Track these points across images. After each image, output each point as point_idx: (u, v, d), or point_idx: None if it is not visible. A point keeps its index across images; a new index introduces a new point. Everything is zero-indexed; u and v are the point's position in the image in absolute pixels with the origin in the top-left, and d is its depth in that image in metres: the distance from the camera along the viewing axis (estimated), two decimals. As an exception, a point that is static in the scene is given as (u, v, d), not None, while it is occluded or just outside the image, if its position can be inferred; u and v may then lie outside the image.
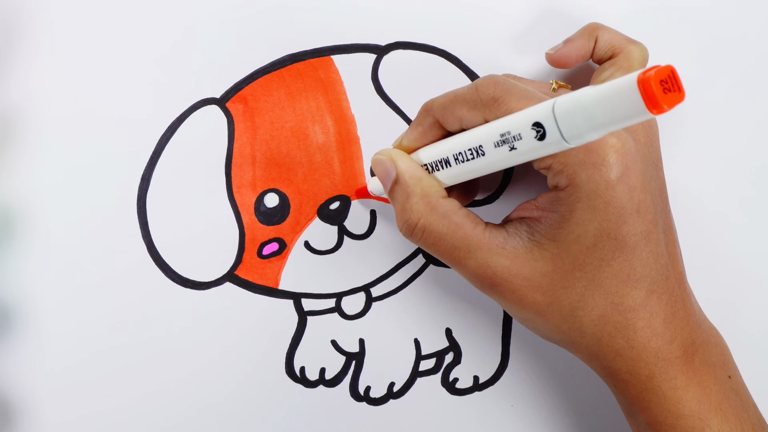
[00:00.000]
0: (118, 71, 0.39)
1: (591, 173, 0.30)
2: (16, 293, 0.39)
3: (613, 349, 0.32)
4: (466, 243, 0.32)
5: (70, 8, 0.39)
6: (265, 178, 0.39)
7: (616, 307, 0.31)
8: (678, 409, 0.32)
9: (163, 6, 0.40)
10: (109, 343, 0.39)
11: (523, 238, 0.32)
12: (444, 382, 0.40)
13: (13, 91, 0.39)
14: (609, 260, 0.31)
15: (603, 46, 0.37)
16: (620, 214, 0.30)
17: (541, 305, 0.32)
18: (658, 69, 0.23)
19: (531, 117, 0.27)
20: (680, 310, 0.32)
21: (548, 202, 0.32)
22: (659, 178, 0.32)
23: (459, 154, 0.31)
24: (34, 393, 0.39)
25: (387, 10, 0.41)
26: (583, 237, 0.31)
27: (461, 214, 0.33)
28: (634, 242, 0.31)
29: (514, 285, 0.32)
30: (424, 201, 0.33)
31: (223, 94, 0.39)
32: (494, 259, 0.32)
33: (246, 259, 0.39)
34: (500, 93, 0.31)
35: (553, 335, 0.33)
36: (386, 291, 0.40)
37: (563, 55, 0.37)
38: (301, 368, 0.40)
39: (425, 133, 0.34)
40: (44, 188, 0.39)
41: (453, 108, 0.32)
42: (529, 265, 0.31)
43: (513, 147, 0.28)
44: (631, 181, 0.30)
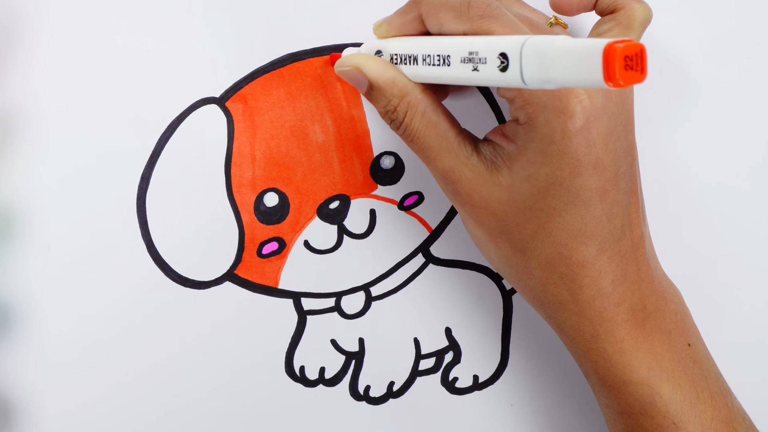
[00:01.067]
0: (118, 70, 0.39)
1: (550, 118, 0.30)
2: (16, 293, 0.39)
3: (557, 299, 0.32)
4: (437, 142, 0.32)
5: (69, 8, 0.39)
6: (264, 177, 0.39)
7: (564, 258, 0.31)
8: (625, 375, 0.31)
9: (162, 6, 0.40)
10: (109, 342, 0.39)
11: (487, 158, 0.32)
12: (444, 382, 0.40)
13: (13, 91, 0.39)
14: (560, 210, 0.30)
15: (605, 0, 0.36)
16: (575, 166, 0.30)
17: (494, 230, 0.32)
18: (627, 44, 0.23)
19: (500, 46, 0.27)
20: (632, 274, 0.32)
21: (511, 132, 0.31)
22: (627, 140, 0.32)
23: (427, 56, 0.31)
24: (33, 392, 0.39)
25: (387, 10, 0.41)
26: (534, 178, 0.30)
27: (438, 112, 0.33)
28: (588, 197, 0.30)
29: (473, 199, 0.32)
30: (404, 100, 0.33)
31: (223, 94, 0.39)
32: (459, 168, 0.32)
33: (245, 258, 0.39)
34: (489, 13, 0.30)
35: (503, 266, 0.33)
36: (386, 290, 0.40)
37: (565, 2, 0.37)
38: (300, 367, 0.40)
39: (407, 24, 0.34)
40: (44, 188, 0.39)
41: (439, 10, 0.32)
42: (487, 186, 0.31)
43: (476, 68, 0.28)
44: (592, 136, 0.30)
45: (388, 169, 0.40)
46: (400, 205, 0.40)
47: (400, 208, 0.40)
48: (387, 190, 0.40)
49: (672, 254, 0.37)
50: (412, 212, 0.40)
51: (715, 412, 0.32)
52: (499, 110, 0.40)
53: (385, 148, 0.40)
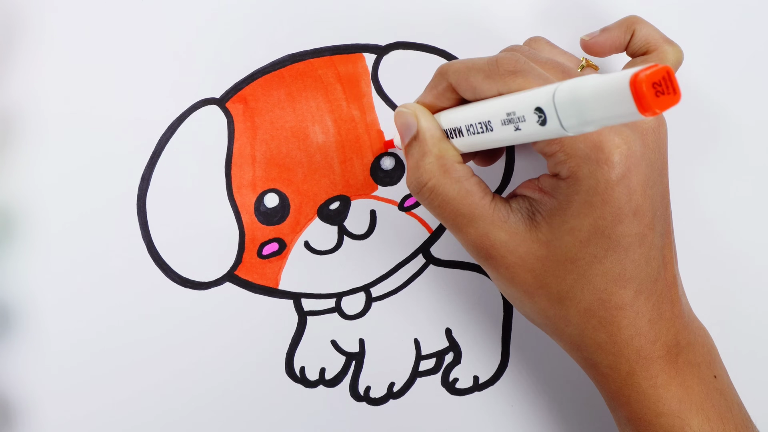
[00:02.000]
0: (118, 71, 0.39)
1: (593, 169, 0.30)
2: (16, 293, 0.39)
3: (595, 341, 0.32)
4: (470, 210, 0.32)
5: (70, 8, 0.39)
6: (265, 178, 0.39)
7: (603, 303, 0.31)
8: (658, 407, 0.32)
9: (162, 7, 0.40)
10: (109, 342, 0.39)
11: (524, 215, 0.32)
12: (444, 382, 0.40)
13: (13, 91, 0.39)
14: (601, 258, 0.31)
15: (638, 41, 0.36)
16: (616, 215, 0.30)
17: (531, 286, 0.32)
18: (652, 71, 0.22)
19: (534, 101, 0.27)
20: (667, 311, 0.32)
21: (549, 187, 0.32)
22: (662, 183, 0.32)
23: (470, 125, 0.31)
24: (34, 393, 0.39)
25: (387, 10, 0.41)
26: (577, 230, 0.31)
27: (473, 181, 0.33)
28: (628, 243, 0.31)
29: (508, 261, 0.32)
30: (439, 162, 0.33)
31: (223, 94, 0.39)
32: (494, 232, 0.32)
33: (246, 259, 0.39)
34: (518, 68, 0.30)
35: (538, 318, 0.33)
36: (386, 291, 0.40)
37: (597, 43, 0.37)
38: (301, 368, 0.40)
39: (439, 97, 0.34)
40: (44, 188, 0.39)
41: (468, 76, 0.32)
42: (525, 244, 0.32)
43: (518, 128, 0.28)
44: (632, 184, 0.30)
45: (388, 169, 0.40)
46: (400, 205, 0.40)
47: (401, 208, 0.40)
48: (387, 191, 0.40)
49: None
50: (413, 213, 0.40)
51: None
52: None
53: (385, 149, 0.40)
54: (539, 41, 0.37)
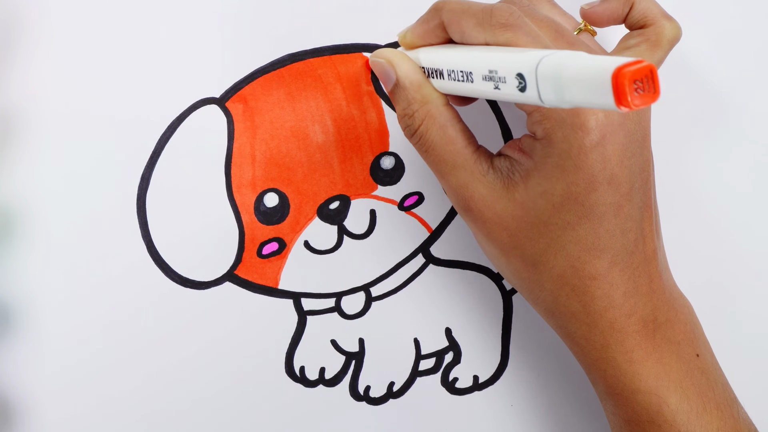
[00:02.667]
0: (118, 71, 0.39)
1: (567, 133, 0.30)
2: (16, 293, 0.39)
3: (569, 310, 0.32)
4: (452, 158, 0.32)
5: (70, 8, 0.39)
6: (264, 177, 0.39)
7: (577, 271, 0.31)
8: (634, 383, 0.32)
9: (162, 6, 0.40)
10: (109, 342, 0.39)
11: (503, 173, 0.32)
12: (444, 382, 0.40)
13: (13, 91, 0.39)
14: (574, 224, 0.31)
15: (637, 14, 0.36)
16: (590, 182, 0.30)
17: (506, 245, 0.32)
18: (635, 68, 0.22)
19: (517, 66, 0.27)
20: (644, 285, 0.32)
21: (527, 147, 0.32)
22: (642, 155, 0.32)
23: (452, 71, 0.31)
24: (33, 393, 0.39)
25: (387, 10, 0.41)
26: (550, 193, 0.30)
27: (457, 128, 0.33)
28: (602, 212, 0.30)
29: (485, 215, 0.32)
30: (424, 108, 0.33)
31: (223, 94, 0.39)
32: (474, 184, 0.32)
33: (246, 258, 0.39)
34: (511, 22, 0.30)
35: (514, 279, 0.33)
36: (386, 291, 0.40)
37: (595, 13, 0.37)
38: (300, 368, 0.40)
39: (429, 33, 0.34)
40: (44, 188, 0.39)
41: (460, 17, 0.32)
42: (502, 202, 0.32)
43: (497, 87, 0.28)
44: (607, 152, 0.30)
45: (388, 169, 0.40)
46: (400, 205, 0.40)
47: (401, 208, 0.40)
48: (387, 191, 0.40)
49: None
50: (413, 212, 0.40)
51: (721, 423, 0.32)
52: (504, 122, 0.40)
53: (385, 148, 0.40)
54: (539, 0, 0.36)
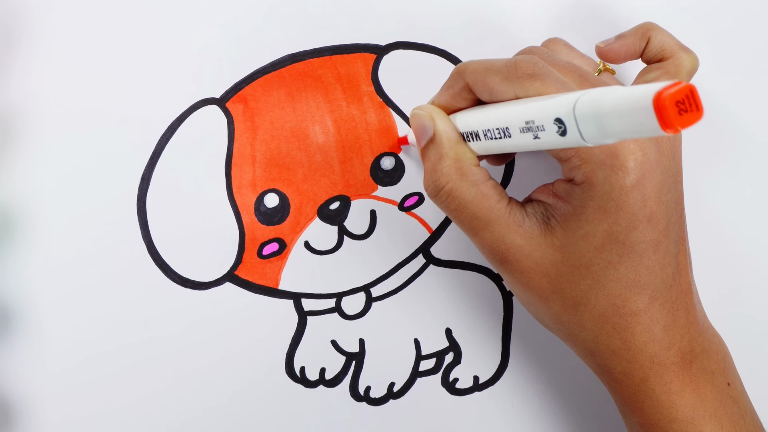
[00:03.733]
0: (118, 71, 0.39)
1: (608, 175, 0.30)
2: (16, 293, 0.39)
3: (609, 348, 0.32)
4: (486, 214, 0.32)
5: (70, 8, 0.39)
6: (265, 178, 0.39)
7: (618, 309, 0.31)
8: (671, 414, 0.32)
9: (162, 6, 0.40)
10: (109, 343, 0.39)
11: (539, 220, 0.32)
12: (444, 382, 0.40)
13: (13, 91, 0.39)
14: (615, 264, 0.31)
15: (654, 48, 0.36)
16: (631, 221, 0.30)
17: (545, 291, 0.32)
18: (675, 89, 0.22)
19: (554, 111, 0.27)
20: (681, 318, 0.32)
21: (564, 192, 0.32)
22: (677, 190, 0.32)
23: (488, 130, 0.31)
24: (34, 393, 0.39)
25: (387, 10, 0.41)
26: (591, 235, 0.31)
27: (489, 185, 0.33)
28: (642, 249, 0.31)
29: (523, 265, 0.32)
30: (455, 165, 0.33)
31: (223, 94, 0.39)
32: (510, 236, 0.32)
33: (246, 259, 0.39)
34: (536, 72, 0.30)
35: (552, 323, 0.33)
36: (386, 291, 0.40)
37: (612, 50, 0.37)
38: (301, 368, 0.40)
39: (455, 97, 0.34)
40: (44, 188, 0.39)
41: (485, 77, 0.32)
42: (540, 249, 0.32)
43: (537, 136, 0.28)
44: (647, 190, 0.30)
45: (388, 169, 0.40)
46: (400, 205, 0.40)
47: (401, 208, 0.40)
48: (387, 191, 0.40)
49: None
50: (413, 213, 0.40)
51: None
52: None
53: (385, 149, 0.40)
54: (557, 43, 0.37)
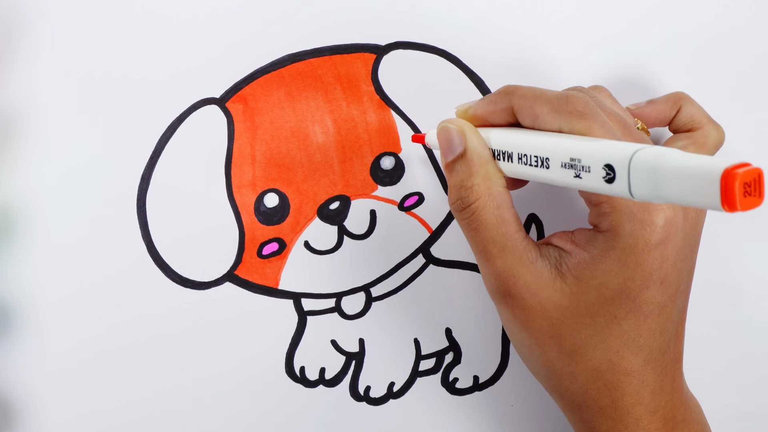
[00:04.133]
0: (118, 71, 0.39)
1: (635, 228, 0.30)
2: (16, 293, 0.39)
3: (597, 404, 0.32)
4: (503, 240, 0.32)
5: (70, 8, 0.39)
6: (265, 178, 0.39)
7: (613, 366, 0.31)
8: None
9: (162, 6, 0.40)
10: (109, 343, 0.39)
11: (551, 264, 0.32)
12: (444, 382, 0.40)
13: (13, 91, 0.39)
14: (620, 319, 0.31)
15: (684, 118, 0.37)
16: (645, 279, 0.30)
17: (544, 334, 0.32)
18: (746, 169, 0.22)
19: (606, 156, 0.26)
20: (668, 385, 0.32)
21: (584, 240, 0.31)
22: (692, 260, 0.32)
23: (524, 155, 0.30)
24: (34, 393, 0.39)
25: (387, 10, 0.41)
26: (605, 287, 0.30)
27: (511, 212, 0.32)
28: (649, 310, 0.31)
29: (527, 303, 0.32)
30: (485, 184, 0.32)
31: (223, 94, 0.39)
32: (520, 270, 0.32)
33: (246, 259, 0.39)
34: (587, 111, 0.30)
35: (543, 370, 0.33)
36: (386, 291, 0.40)
37: (643, 114, 0.37)
38: (301, 368, 0.40)
39: (494, 114, 0.33)
40: (44, 188, 0.39)
41: (534, 103, 0.31)
42: (547, 291, 0.31)
43: (578, 175, 0.27)
44: (667, 252, 0.30)
45: (388, 169, 0.40)
46: (400, 205, 0.40)
47: (401, 208, 0.40)
48: (387, 191, 0.40)
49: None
50: (413, 213, 0.40)
51: None
52: None
53: (385, 149, 0.40)
54: (602, 91, 0.36)
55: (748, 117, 0.41)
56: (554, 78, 0.41)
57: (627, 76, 0.41)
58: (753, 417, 0.41)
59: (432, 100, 0.40)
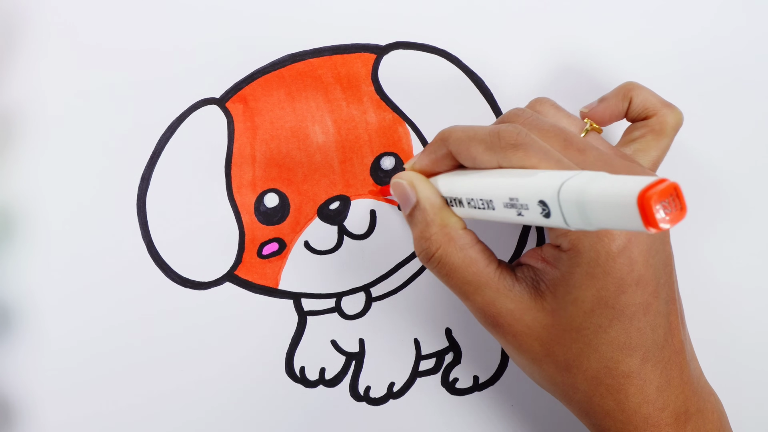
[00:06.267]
0: (118, 71, 0.39)
1: (593, 242, 0.30)
2: (16, 293, 0.39)
3: (603, 409, 0.32)
4: (476, 279, 0.32)
5: (70, 8, 0.39)
6: (265, 178, 0.39)
7: (610, 371, 0.31)
8: None
9: (163, 6, 0.40)
10: (109, 343, 0.39)
11: (529, 285, 0.32)
12: (444, 382, 0.40)
13: (13, 91, 0.39)
14: (606, 327, 0.31)
15: (637, 108, 0.37)
16: (619, 285, 0.30)
17: (538, 354, 0.32)
18: (660, 188, 0.22)
19: (538, 193, 0.27)
20: (675, 378, 0.32)
21: (552, 257, 0.32)
22: (665, 251, 0.32)
23: (471, 199, 0.31)
24: (34, 393, 0.39)
25: (387, 10, 0.41)
26: (580, 301, 0.31)
27: (477, 249, 0.33)
28: (632, 312, 0.31)
29: (515, 329, 0.32)
30: (443, 231, 0.33)
31: (223, 94, 0.39)
32: (500, 300, 0.32)
33: (246, 259, 0.39)
34: (519, 142, 0.30)
35: (547, 384, 0.34)
36: (386, 291, 0.40)
37: (596, 114, 0.37)
38: (301, 368, 0.40)
39: (438, 162, 0.34)
40: (44, 188, 0.39)
41: (469, 145, 0.32)
42: (531, 313, 0.32)
43: (520, 213, 0.28)
44: (633, 255, 0.30)
45: (388, 169, 0.40)
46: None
47: (401, 208, 0.40)
48: (387, 191, 0.40)
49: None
50: (413, 213, 0.40)
51: None
52: None
53: (385, 149, 0.40)
54: (544, 103, 0.36)
55: (742, 114, 0.42)
56: (554, 77, 0.41)
57: (626, 73, 0.41)
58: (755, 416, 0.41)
59: (432, 100, 0.40)
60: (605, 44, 0.41)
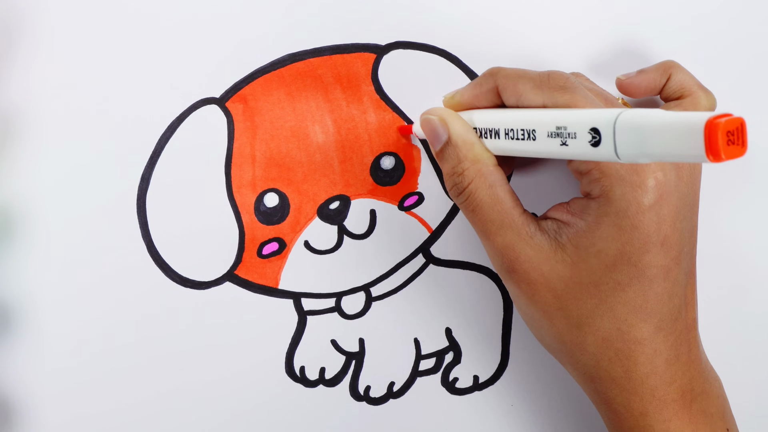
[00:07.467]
0: (118, 71, 0.39)
1: (626, 191, 0.30)
2: (16, 293, 0.39)
3: (610, 375, 0.32)
4: (500, 218, 0.32)
5: (70, 8, 0.39)
6: (264, 177, 0.39)
7: (622, 334, 0.31)
8: None
9: (163, 5, 0.40)
10: (109, 343, 0.39)
11: (550, 236, 0.32)
12: (444, 382, 0.40)
13: (13, 91, 0.39)
14: (624, 285, 0.31)
15: (674, 86, 0.37)
16: (644, 242, 0.30)
17: (551, 307, 0.32)
18: (728, 119, 0.22)
19: (591, 120, 0.26)
20: (684, 354, 0.32)
21: (579, 209, 0.32)
22: (692, 220, 0.32)
23: (510, 130, 0.31)
24: (34, 393, 0.39)
25: (387, 10, 0.41)
26: (603, 253, 0.30)
27: (505, 189, 0.33)
28: (653, 274, 0.30)
29: (531, 277, 0.32)
30: (475, 167, 0.33)
31: (223, 94, 0.39)
32: (520, 245, 0.32)
33: (246, 258, 0.39)
34: (569, 85, 0.30)
35: (554, 342, 0.33)
36: (386, 291, 0.40)
37: (632, 84, 0.37)
38: (301, 368, 0.40)
39: (480, 96, 0.34)
40: (44, 188, 0.39)
41: (516, 82, 0.32)
42: (549, 263, 0.31)
43: (565, 143, 0.28)
44: (663, 212, 0.30)
45: (388, 169, 0.40)
46: (400, 205, 0.40)
47: (401, 208, 0.40)
48: (387, 191, 0.40)
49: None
50: (413, 212, 0.40)
51: None
52: None
53: (385, 149, 0.40)
54: (580, 76, 0.37)
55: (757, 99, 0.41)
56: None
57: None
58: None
59: (432, 99, 0.40)
60: (605, 44, 0.41)
